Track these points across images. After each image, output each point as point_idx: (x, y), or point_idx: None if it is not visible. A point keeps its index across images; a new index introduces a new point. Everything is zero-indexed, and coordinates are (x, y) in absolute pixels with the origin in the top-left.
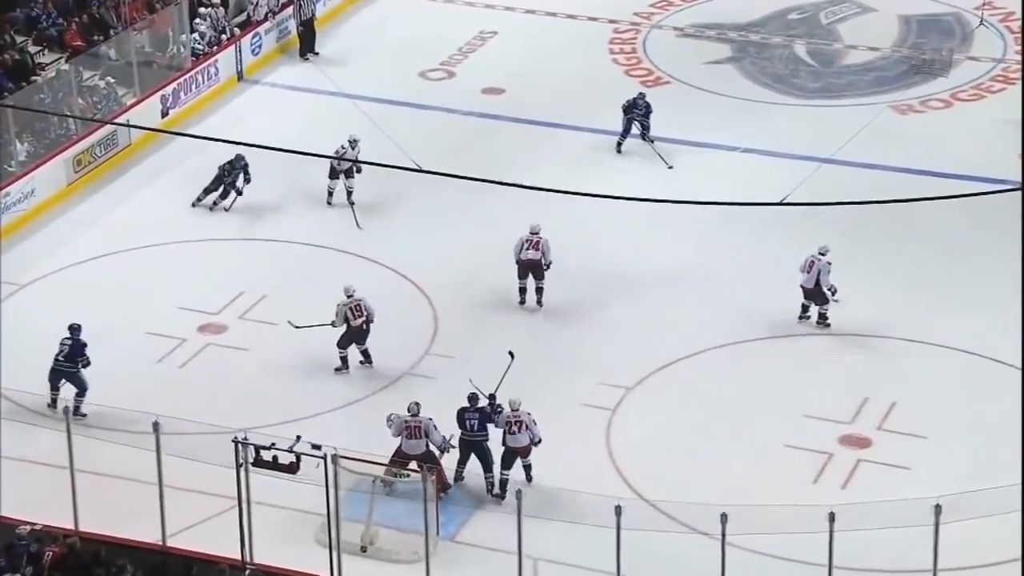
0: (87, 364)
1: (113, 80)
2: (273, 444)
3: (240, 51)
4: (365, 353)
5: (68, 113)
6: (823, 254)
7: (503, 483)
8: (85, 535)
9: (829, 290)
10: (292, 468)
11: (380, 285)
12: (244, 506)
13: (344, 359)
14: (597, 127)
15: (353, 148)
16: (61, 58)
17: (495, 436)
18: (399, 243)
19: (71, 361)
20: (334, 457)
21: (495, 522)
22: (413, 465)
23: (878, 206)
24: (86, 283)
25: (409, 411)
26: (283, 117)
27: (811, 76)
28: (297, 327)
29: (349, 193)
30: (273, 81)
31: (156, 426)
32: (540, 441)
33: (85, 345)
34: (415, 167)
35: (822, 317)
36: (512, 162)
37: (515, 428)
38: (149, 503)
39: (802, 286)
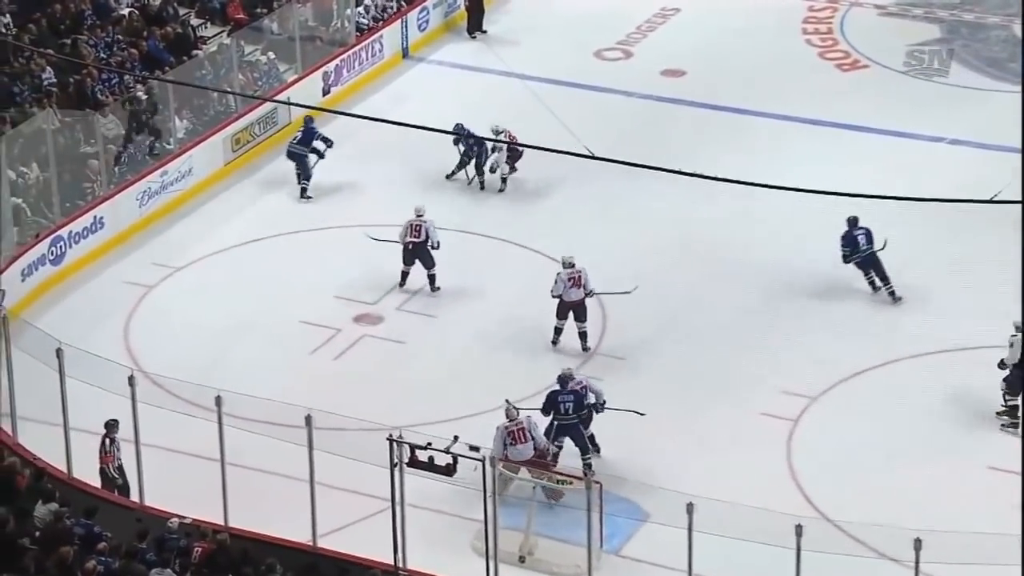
0: (313, 148)
1: (274, 56)
2: (429, 444)
3: (406, 27)
4: (431, 278)
5: (228, 89)
6: None
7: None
8: (235, 531)
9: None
10: (448, 470)
11: (543, 278)
12: (398, 508)
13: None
14: (787, 114)
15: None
16: (223, 32)
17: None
18: (567, 233)
19: (304, 144)
20: (493, 460)
21: (664, 536)
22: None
23: None
24: (240, 268)
25: (508, 416)
26: (449, 97)
27: None
28: (375, 239)
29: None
30: (440, 59)
31: (308, 420)
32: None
33: (315, 133)
34: (588, 153)
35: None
36: (693, 150)
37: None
38: (300, 501)
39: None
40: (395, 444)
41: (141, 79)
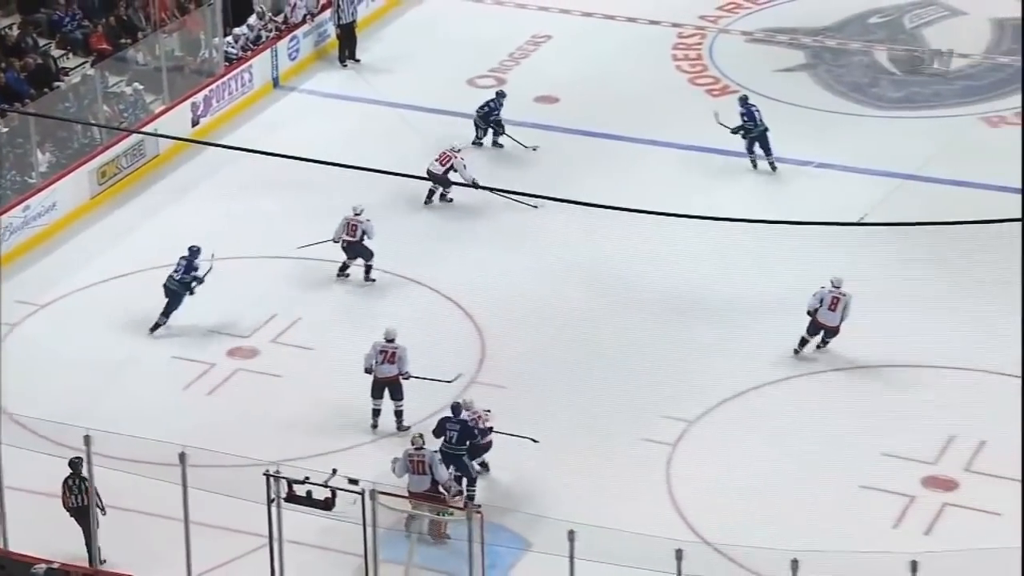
0: (193, 287)
1: (141, 86)
2: (307, 478)
3: (276, 56)
4: (367, 268)
5: (93, 121)
6: (838, 286)
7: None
8: (104, 575)
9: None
10: (327, 504)
11: (425, 309)
12: (276, 544)
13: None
14: (659, 139)
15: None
16: (86, 62)
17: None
18: (446, 264)
19: (182, 282)
20: (372, 493)
21: (546, 564)
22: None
23: (965, 227)
24: (109, 303)
25: (413, 444)
26: (322, 127)
27: (893, 85)
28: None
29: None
30: (311, 88)
31: (182, 457)
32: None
33: (195, 268)
34: (464, 182)
35: (822, 343)
36: (566, 176)
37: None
38: (174, 540)
39: (822, 323)
40: (272, 479)
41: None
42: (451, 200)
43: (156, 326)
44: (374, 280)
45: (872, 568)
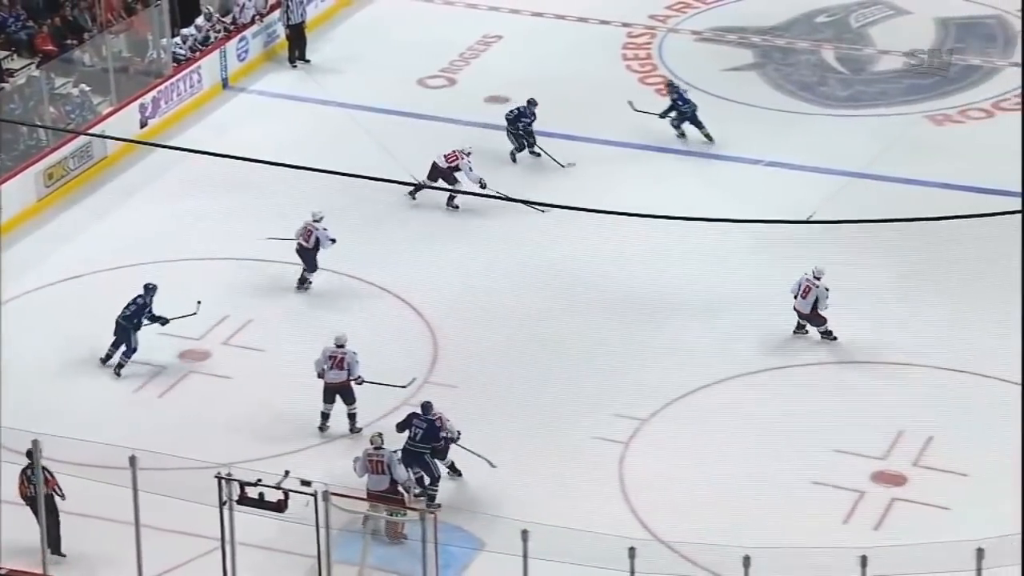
0: (139, 326)
1: (88, 87)
2: (259, 480)
3: (225, 57)
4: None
5: (39, 123)
6: (818, 278)
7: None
8: None
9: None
10: (280, 506)
11: (376, 309)
12: (228, 547)
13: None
14: (610, 139)
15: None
16: (31, 63)
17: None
18: (396, 264)
19: (128, 320)
20: (325, 494)
21: (499, 564)
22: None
23: (913, 225)
24: (57, 306)
25: (372, 443)
26: (272, 128)
27: (840, 84)
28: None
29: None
30: (261, 89)
31: (133, 461)
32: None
33: (147, 308)
34: (414, 181)
35: (826, 334)
36: (517, 176)
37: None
38: (125, 545)
39: (796, 310)
40: (224, 482)
41: None
42: (457, 207)
43: (107, 357)
44: (308, 287)
45: (823, 563)
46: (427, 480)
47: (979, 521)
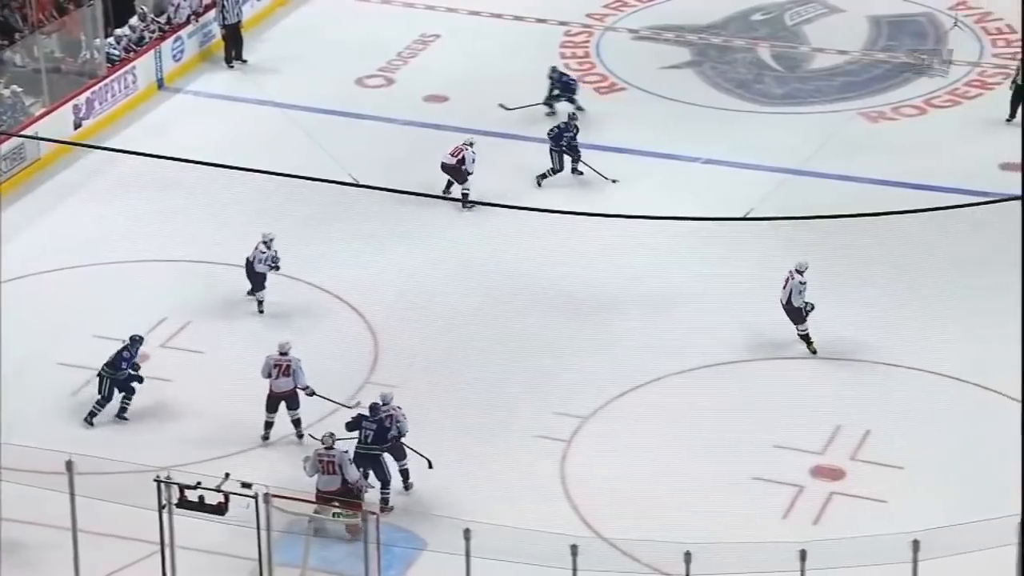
0: (125, 376)
1: (19, 89)
2: (199, 483)
3: (160, 57)
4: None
5: None
6: (800, 271)
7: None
8: None
9: (803, 308)
10: (220, 509)
11: (316, 310)
12: (167, 551)
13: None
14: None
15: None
16: None
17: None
18: (334, 264)
19: (111, 367)
20: (266, 496)
21: (442, 564)
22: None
23: (850, 221)
24: None
25: (323, 443)
26: (209, 128)
27: (776, 81)
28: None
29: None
30: (197, 89)
31: (69, 465)
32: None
33: (129, 359)
34: (353, 182)
35: (803, 338)
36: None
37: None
38: (62, 550)
39: (780, 302)
40: (163, 485)
41: None
42: (471, 205)
43: (91, 415)
44: (254, 300)
45: (763, 558)
46: (379, 483)
47: (915, 513)
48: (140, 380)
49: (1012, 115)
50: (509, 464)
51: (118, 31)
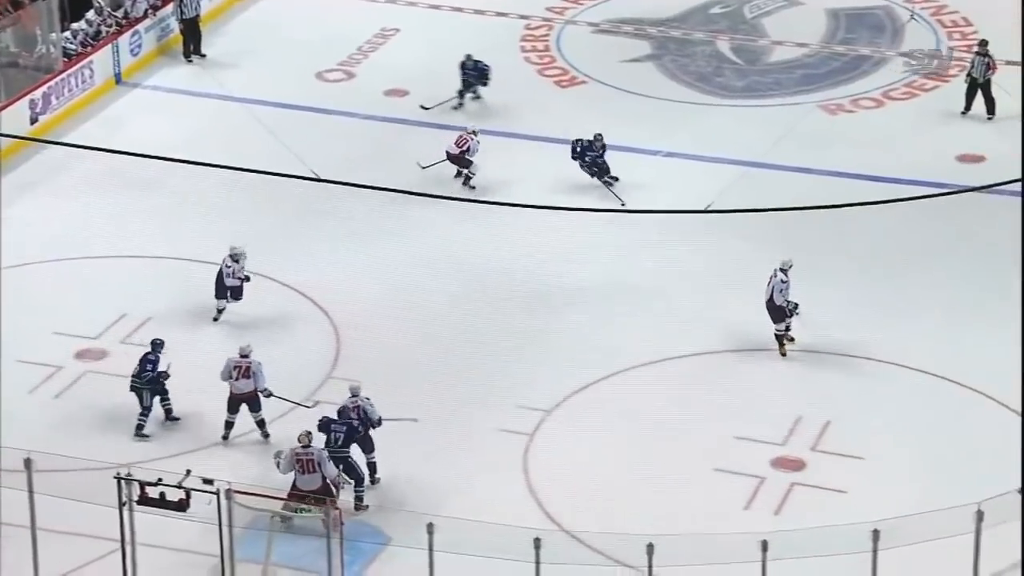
0: (152, 381)
1: None
2: (160, 480)
3: (118, 52)
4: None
5: None
6: (784, 270)
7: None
8: None
9: (787, 307)
10: (181, 505)
11: (276, 305)
12: (128, 548)
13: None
14: (510, 131)
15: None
16: None
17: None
18: (296, 259)
19: (139, 377)
20: (227, 492)
21: (405, 558)
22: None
23: (810, 213)
24: None
25: (300, 442)
26: (168, 123)
27: (736, 74)
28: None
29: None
30: (155, 84)
31: (28, 463)
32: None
33: (154, 362)
34: (313, 176)
35: (776, 337)
36: (419, 170)
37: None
38: (21, 549)
39: (764, 300)
40: (123, 482)
41: None
42: (474, 187)
43: (139, 427)
44: (217, 316)
45: (725, 549)
46: (353, 482)
47: (875, 503)
48: (167, 376)
49: (967, 108)
50: (472, 458)
51: (75, 25)
